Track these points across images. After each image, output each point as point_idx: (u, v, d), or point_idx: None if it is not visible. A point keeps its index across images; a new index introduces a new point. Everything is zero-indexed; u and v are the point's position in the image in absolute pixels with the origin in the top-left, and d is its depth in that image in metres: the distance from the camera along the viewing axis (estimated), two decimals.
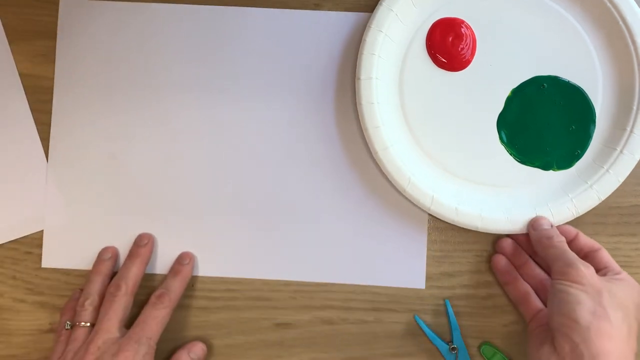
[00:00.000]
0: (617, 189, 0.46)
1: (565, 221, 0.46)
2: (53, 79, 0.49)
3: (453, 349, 0.47)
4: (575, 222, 0.46)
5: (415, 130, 0.47)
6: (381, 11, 0.46)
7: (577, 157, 0.47)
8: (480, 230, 0.46)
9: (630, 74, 0.46)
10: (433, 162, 0.47)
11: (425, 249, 0.48)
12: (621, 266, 0.44)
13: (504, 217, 0.46)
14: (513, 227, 0.45)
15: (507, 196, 0.47)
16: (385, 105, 0.47)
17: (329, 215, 0.48)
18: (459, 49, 0.47)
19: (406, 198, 0.46)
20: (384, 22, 0.46)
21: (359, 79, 0.46)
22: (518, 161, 0.47)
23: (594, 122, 0.47)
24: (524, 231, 0.46)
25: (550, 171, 0.47)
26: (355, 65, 0.47)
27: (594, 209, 0.46)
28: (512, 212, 0.46)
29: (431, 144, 0.47)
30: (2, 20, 0.50)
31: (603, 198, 0.45)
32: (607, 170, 0.46)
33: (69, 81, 0.49)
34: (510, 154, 0.47)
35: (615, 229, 0.48)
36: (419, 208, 0.47)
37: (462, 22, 0.47)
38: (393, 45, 0.47)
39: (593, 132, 0.47)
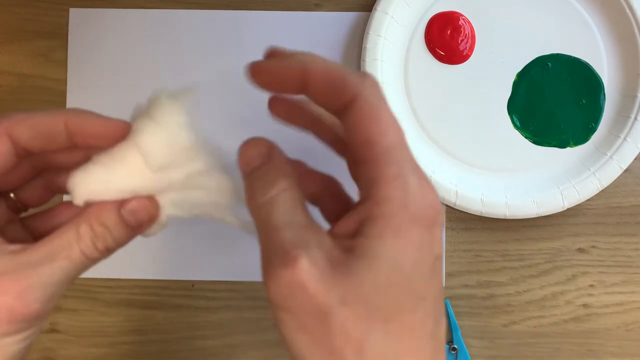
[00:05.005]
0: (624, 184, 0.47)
1: (591, 196, 0.46)
2: (53, 79, 0.49)
3: (453, 349, 0.46)
4: (576, 222, 0.46)
5: (428, 127, 0.47)
6: (377, 16, 0.46)
7: (592, 130, 0.47)
8: (509, 218, 0.45)
9: (632, 40, 0.46)
10: (450, 156, 0.47)
11: (444, 246, 0.48)
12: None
13: (530, 201, 0.45)
14: (540, 209, 0.45)
15: (530, 180, 0.47)
16: (396, 107, 0.46)
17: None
18: (459, 41, 0.47)
19: None
20: (381, 26, 0.46)
21: None
22: (534, 143, 0.47)
23: (603, 93, 0.47)
24: (554, 212, 0.45)
25: (568, 148, 0.47)
26: (359, 65, 0.47)
27: (593, 208, 0.47)
28: (538, 194, 0.46)
29: (446, 139, 0.47)
30: (2, 20, 0.49)
31: (625, 167, 0.45)
32: (625, 139, 0.45)
33: (81, 87, 0.49)
34: (526, 137, 0.47)
35: (615, 229, 0.48)
36: (443, 204, 0.47)
37: (458, 14, 0.47)
38: (393, 47, 0.47)
39: (604, 103, 0.47)
